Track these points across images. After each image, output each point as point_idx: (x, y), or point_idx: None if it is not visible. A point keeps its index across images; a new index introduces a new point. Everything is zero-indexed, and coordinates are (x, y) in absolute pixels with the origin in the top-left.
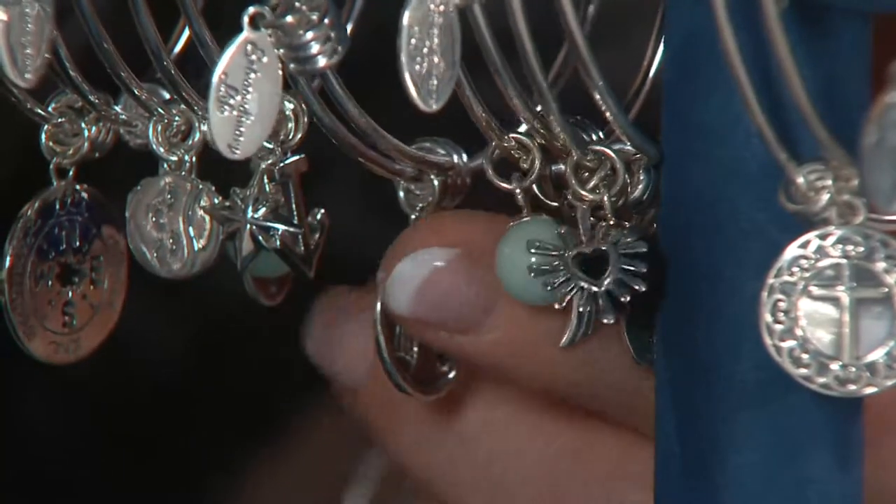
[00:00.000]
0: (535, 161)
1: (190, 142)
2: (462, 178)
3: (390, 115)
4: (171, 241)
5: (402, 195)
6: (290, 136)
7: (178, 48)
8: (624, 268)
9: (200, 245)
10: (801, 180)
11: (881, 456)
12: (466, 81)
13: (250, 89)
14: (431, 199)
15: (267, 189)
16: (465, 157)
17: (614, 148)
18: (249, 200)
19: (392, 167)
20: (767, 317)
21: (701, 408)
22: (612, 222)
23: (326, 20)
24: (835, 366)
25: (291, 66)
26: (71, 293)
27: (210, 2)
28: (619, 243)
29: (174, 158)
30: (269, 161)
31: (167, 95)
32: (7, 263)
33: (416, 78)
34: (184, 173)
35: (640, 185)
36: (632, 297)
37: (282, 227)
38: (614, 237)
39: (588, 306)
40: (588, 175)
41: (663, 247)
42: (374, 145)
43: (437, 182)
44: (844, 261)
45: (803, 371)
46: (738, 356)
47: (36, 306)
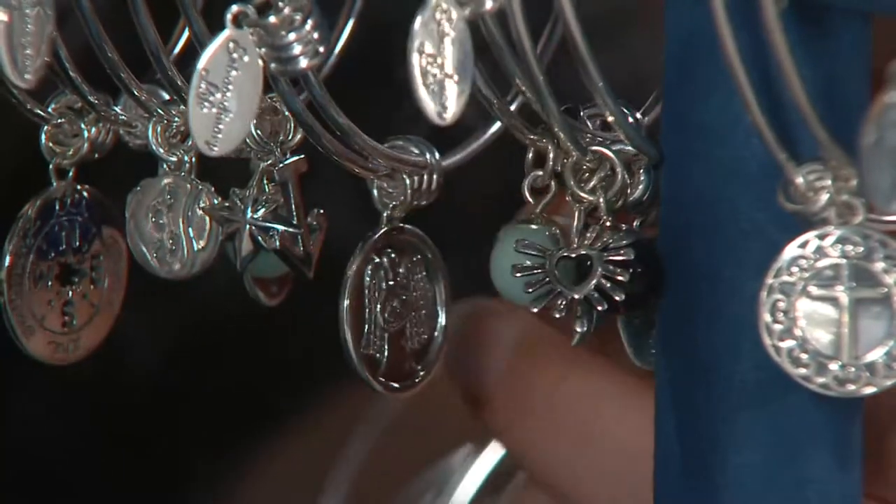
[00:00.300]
0: (550, 158)
1: (189, 142)
2: (435, 176)
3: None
4: (170, 241)
5: (374, 193)
6: (290, 137)
7: (178, 49)
8: (606, 275)
9: (200, 245)
10: (800, 180)
11: None
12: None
13: (231, 87)
14: (403, 198)
15: (266, 189)
16: (437, 155)
17: (614, 149)
18: (249, 201)
19: (365, 165)
20: (766, 317)
21: (701, 408)
22: (608, 224)
23: (309, 21)
24: (834, 366)
25: (273, 66)
26: (71, 293)
27: (210, 2)
28: (606, 249)
29: (174, 159)
30: (269, 161)
31: (167, 96)
32: (6, 263)
33: (428, 91)
34: (183, 174)
35: (640, 186)
36: (627, 297)
37: (281, 227)
38: (603, 243)
39: (566, 312)
40: (588, 176)
41: (663, 247)
42: (349, 144)
43: (408, 181)
44: (843, 261)
45: (802, 371)
46: (738, 356)
47: (35, 306)
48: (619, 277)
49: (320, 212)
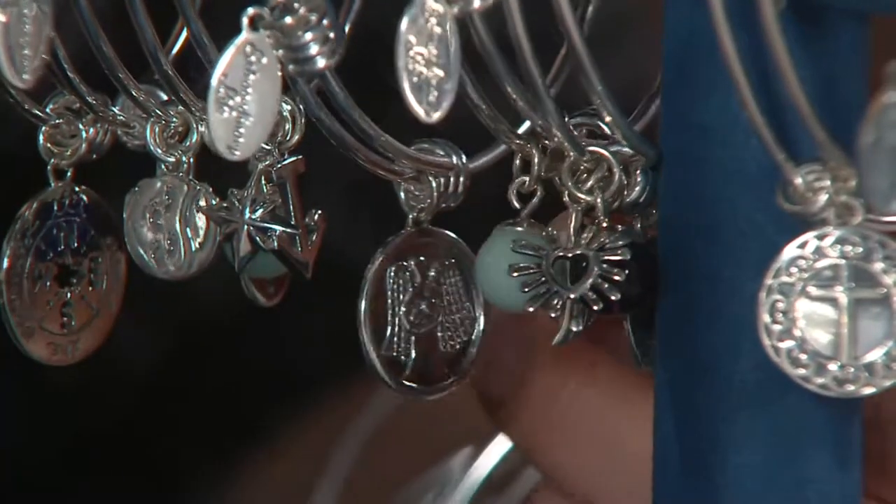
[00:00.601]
0: (535, 164)
1: (187, 143)
2: (461, 179)
3: (389, 115)
4: (168, 242)
5: (401, 196)
6: (288, 138)
7: (176, 49)
8: (602, 275)
9: (197, 246)
10: (799, 181)
11: None
12: (472, 84)
13: (249, 90)
14: (430, 200)
15: (264, 190)
16: (463, 158)
17: (612, 150)
18: (247, 201)
19: (391, 168)
20: (766, 317)
21: (701, 408)
22: (605, 225)
23: (325, 21)
24: (833, 366)
25: (290, 67)
26: (69, 294)
27: (208, 2)
28: (603, 249)
29: (172, 159)
30: (267, 162)
31: (165, 97)
32: (5, 265)
33: (415, 89)
34: (181, 174)
35: (638, 187)
36: (623, 297)
37: (279, 227)
38: (600, 243)
39: (561, 312)
40: (585, 176)
41: (662, 247)
42: (373, 146)
43: (435, 183)
44: (842, 261)
45: (801, 371)
46: (738, 356)
47: (34, 307)
48: (615, 277)
49: (318, 212)
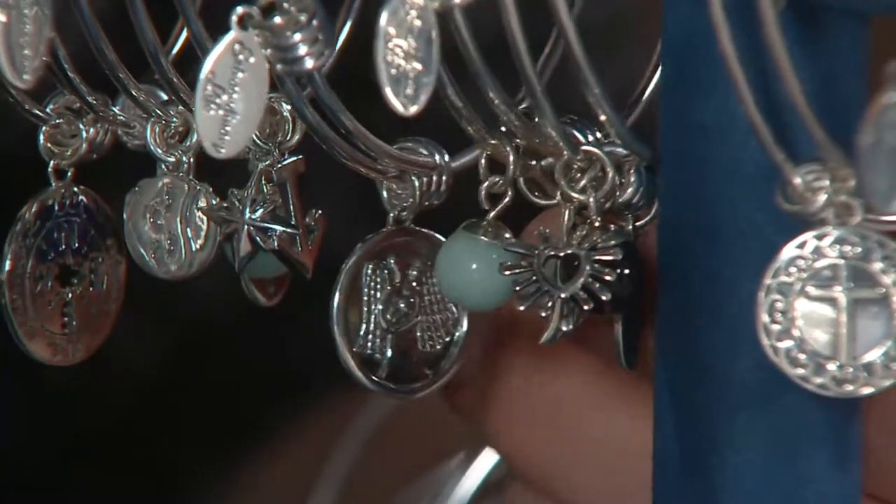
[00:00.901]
0: (510, 164)
1: (188, 143)
2: (444, 178)
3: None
4: (168, 242)
5: (384, 194)
6: (288, 138)
7: (177, 49)
8: (594, 275)
9: (198, 246)
10: (798, 181)
11: None
12: (451, 84)
13: (237, 89)
14: (412, 199)
15: (265, 190)
16: (446, 157)
17: (605, 149)
18: (247, 201)
19: (374, 166)
20: (764, 317)
21: (700, 408)
22: (597, 224)
23: (315, 22)
24: (832, 366)
25: (279, 66)
26: (70, 294)
27: (208, 3)
28: (594, 248)
29: (172, 159)
30: (267, 162)
31: (165, 97)
32: (7, 266)
33: (393, 82)
34: (181, 174)
35: (631, 187)
36: (613, 297)
37: (279, 227)
38: (592, 242)
39: (551, 311)
40: (579, 176)
41: (662, 247)
42: (357, 145)
43: (417, 182)
44: (841, 261)
45: (800, 371)
46: (737, 356)
47: (36, 308)
48: (606, 277)
49: (319, 212)
